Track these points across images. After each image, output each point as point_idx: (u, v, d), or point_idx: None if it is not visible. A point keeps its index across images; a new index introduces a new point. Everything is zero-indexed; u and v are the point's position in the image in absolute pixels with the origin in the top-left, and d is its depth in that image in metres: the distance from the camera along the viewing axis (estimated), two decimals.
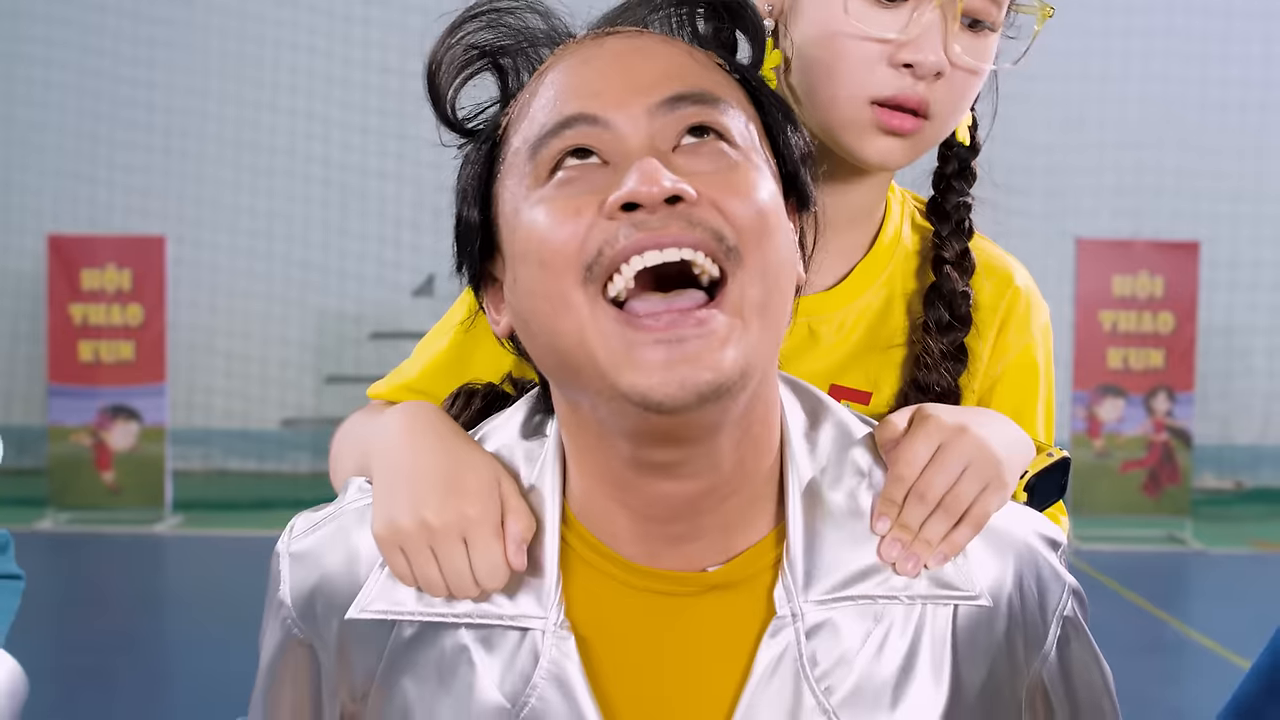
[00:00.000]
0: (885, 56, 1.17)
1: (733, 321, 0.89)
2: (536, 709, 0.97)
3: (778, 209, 0.94)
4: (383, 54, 9.38)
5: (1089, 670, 1.07)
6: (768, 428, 0.99)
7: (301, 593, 1.03)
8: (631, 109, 0.93)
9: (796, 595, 0.98)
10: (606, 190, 0.90)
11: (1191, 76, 9.25)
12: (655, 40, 0.98)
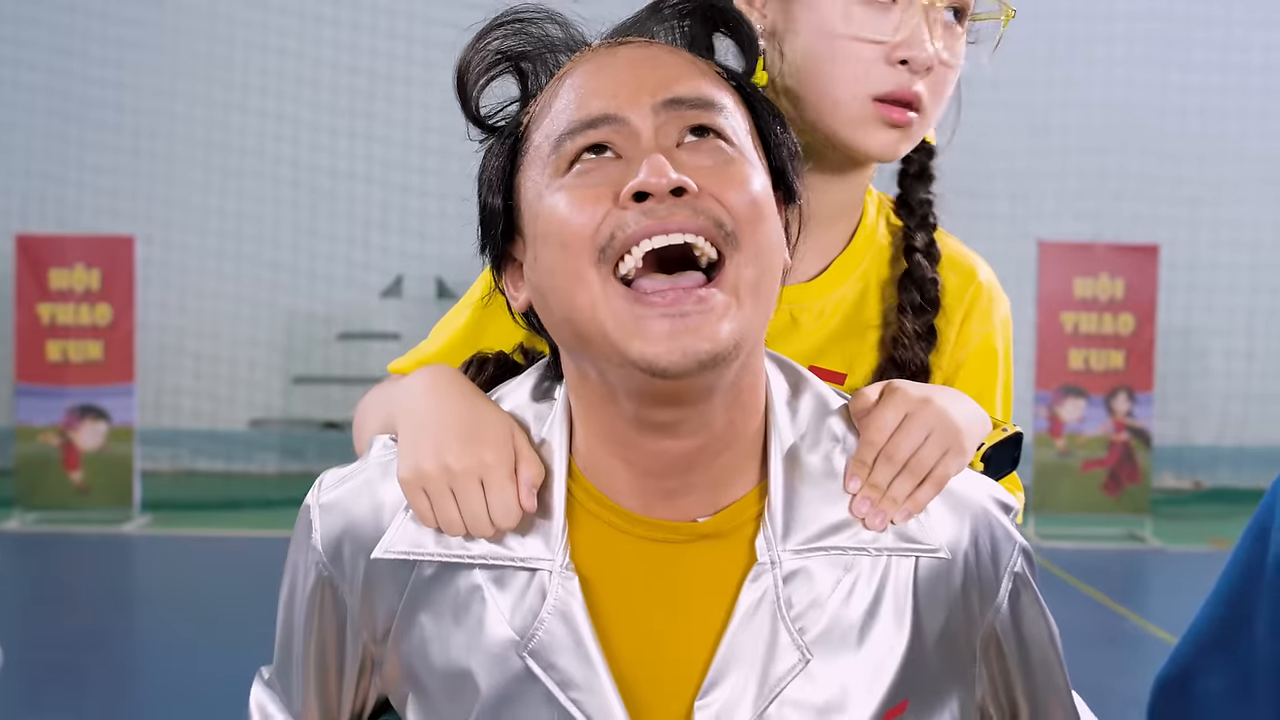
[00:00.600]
0: (883, 56, 1.27)
1: (729, 299, 1.00)
2: (543, 641, 1.07)
3: (769, 200, 1.05)
4: (352, 56, 9.35)
5: (1037, 623, 1.18)
6: (755, 395, 1.10)
7: (330, 539, 1.14)
8: (642, 109, 1.03)
9: (775, 545, 1.09)
10: (620, 181, 1.00)
11: (1152, 83, 9.32)
12: (662, 50, 1.10)
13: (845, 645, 1.09)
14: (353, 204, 9.46)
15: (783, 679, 1.08)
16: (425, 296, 9.65)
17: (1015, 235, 8.86)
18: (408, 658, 1.13)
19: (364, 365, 9.65)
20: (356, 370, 9.66)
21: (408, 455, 1.12)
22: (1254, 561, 1.26)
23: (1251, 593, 1.25)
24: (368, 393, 1.36)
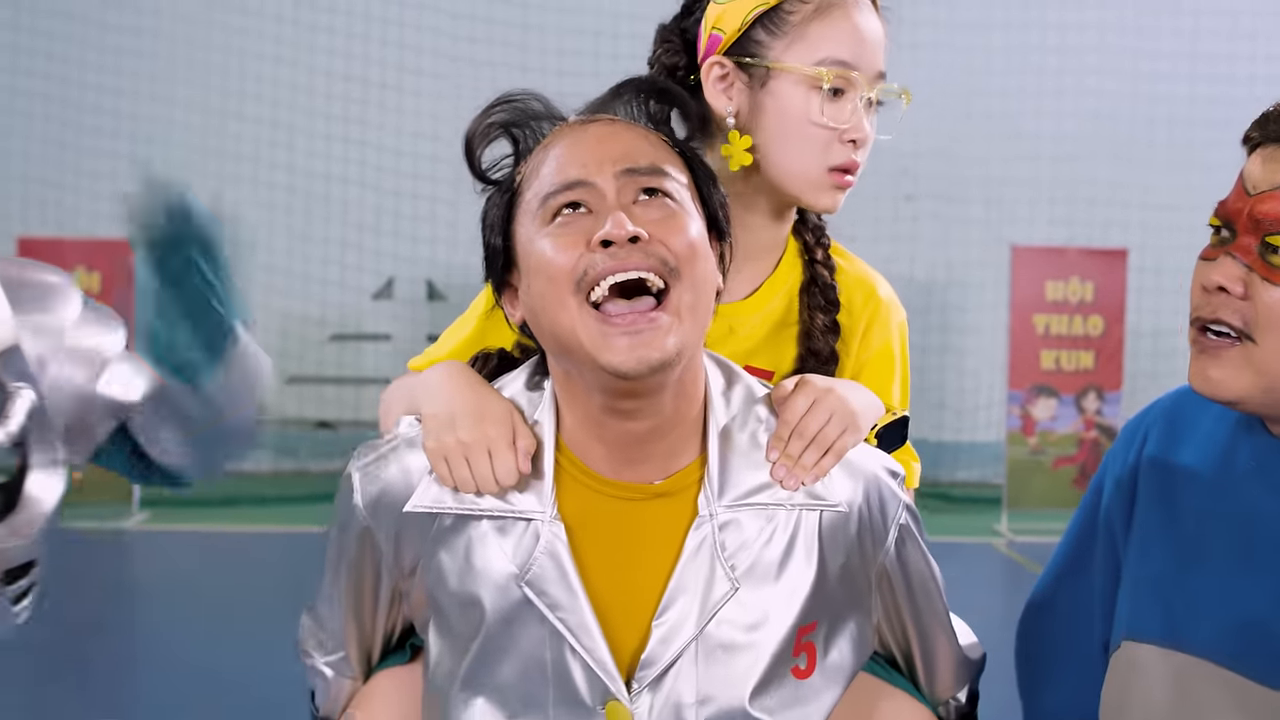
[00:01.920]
0: (836, 137, 1.57)
1: (673, 319, 1.29)
2: (537, 574, 1.35)
3: (704, 241, 1.34)
4: (346, 64, 9.34)
5: (919, 563, 1.46)
6: (696, 387, 1.38)
7: (369, 497, 1.41)
8: (606, 175, 1.32)
9: (713, 501, 1.38)
10: (591, 231, 1.29)
11: (1122, 93, 9.35)
12: (622, 127, 1.38)
13: (766, 578, 1.38)
14: (346, 208, 9.44)
15: (718, 603, 1.36)
16: (416, 298, 9.64)
17: (989, 240, 8.90)
18: (430, 589, 1.41)
19: (357, 365, 9.64)
20: (350, 370, 9.64)
21: (431, 432, 1.39)
22: (1092, 511, 1.52)
23: (1090, 536, 1.50)
24: (391, 383, 1.61)
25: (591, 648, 1.35)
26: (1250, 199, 1.25)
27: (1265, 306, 1.21)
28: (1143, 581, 1.39)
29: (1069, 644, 1.52)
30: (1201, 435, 1.37)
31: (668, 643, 1.36)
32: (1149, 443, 1.44)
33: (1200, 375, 1.28)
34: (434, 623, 1.43)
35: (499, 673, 1.38)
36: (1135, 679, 1.35)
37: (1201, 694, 1.28)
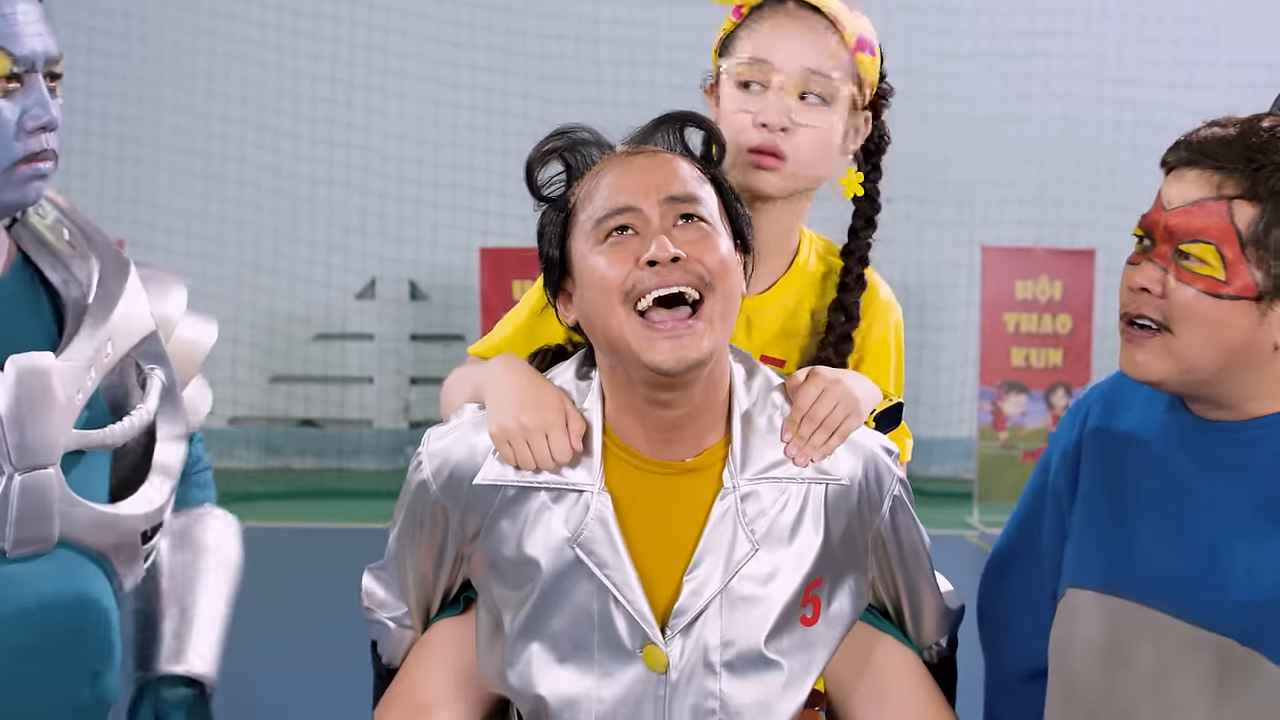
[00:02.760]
0: (750, 122, 1.75)
1: (706, 326, 1.48)
2: (587, 537, 1.54)
3: (732, 257, 1.53)
4: (331, 68, 9.32)
5: (909, 529, 1.66)
6: (722, 379, 1.57)
7: (440, 474, 1.58)
8: (651, 202, 1.50)
9: (736, 475, 1.56)
10: (638, 251, 1.48)
11: (1088, 97, 9.40)
12: (663, 158, 1.55)
13: (780, 541, 1.57)
14: (331, 209, 9.42)
15: (740, 561, 1.55)
16: (399, 298, 9.63)
17: (961, 241, 8.93)
18: (491, 552, 1.59)
19: (341, 364, 9.61)
20: (334, 369, 9.62)
21: (495, 418, 1.57)
22: (1041, 481, 1.70)
23: (1040, 503, 1.69)
24: (453, 371, 1.77)
25: (633, 600, 1.54)
26: (1166, 213, 1.43)
27: (1179, 304, 1.40)
28: (1085, 537, 1.57)
29: (1023, 599, 1.70)
30: (1135, 413, 1.56)
31: (697, 595, 1.55)
32: (1090, 419, 1.62)
33: (1128, 361, 1.47)
34: (494, 581, 1.60)
35: (552, 622, 1.56)
36: (1078, 621, 1.55)
37: (1131, 630, 1.48)
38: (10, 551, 1.41)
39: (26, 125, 1.41)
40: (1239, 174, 1.37)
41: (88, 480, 1.50)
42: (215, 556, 1.78)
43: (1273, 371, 1.41)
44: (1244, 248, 1.37)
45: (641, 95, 8.94)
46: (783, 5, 1.80)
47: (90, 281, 1.52)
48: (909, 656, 1.72)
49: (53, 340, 1.50)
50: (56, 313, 1.52)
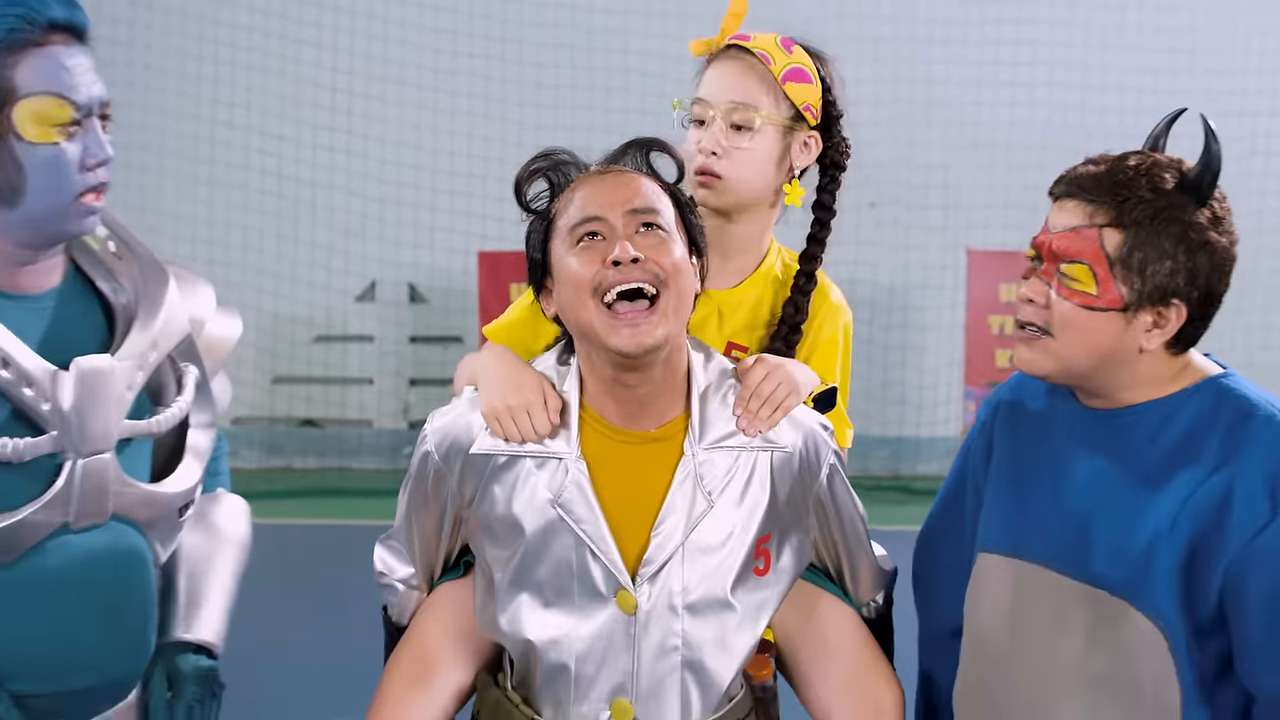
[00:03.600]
0: (696, 149, 2.03)
1: (661, 317, 1.70)
2: (566, 498, 1.75)
3: (685, 260, 1.75)
4: (332, 76, 9.33)
5: (845, 495, 1.89)
6: (680, 363, 1.79)
7: (441, 446, 1.82)
8: (616, 213, 1.74)
9: (695, 445, 1.79)
10: (605, 253, 1.71)
11: (1072, 104, 9.43)
12: (629, 176, 1.78)
13: (732, 501, 1.79)
14: (332, 214, 9.42)
15: (698, 518, 1.77)
16: (398, 301, 9.62)
17: (947, 244, 8.93)
18: (484, 514, 1.80)
19: (342, 365, 9.61)
20: (335, 370, 9.61)
21: (485, 399, 1.81)
22: (963, 461, 1.93)
23: (962, 480, 1.92)
24: (464, 357, 2.00)
25: (606, 551, 1.75)
26: (1050, 237, 1.67)
27: (1059, 315, 1.65)
28: (993, 507, 1.79)
29: (949, 565, 1.89)
30: (1036, 399, 1.79)
31: (662, 548, 1.76)
32: (1000, 408, 1.87)
33: (1019, 357, 1.71)
34: (486, 540, 1.81)
35: (537, 573, 1.77)
36: (987, 581, 1.76)
37: (1030, 589, 1.69)
38: (73, 524, 1.60)
39: (87, 162, 1.62)
40: (1108, 206, 1.62)
41: (134, 463, 1.70)
42: (227, 536, 1.96)
43: (1140, 368, 1.64)
44: (1112, 268, 1.60)
45: (632, 102, 8.96)
46: (725, 52, 2.10)
47: (135, 289, 1.71)
48: (848, 612, 1.94)
49: (103, 340, 1.68)
50: (106, 316, 1.70)
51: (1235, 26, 9.60)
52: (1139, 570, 1.58)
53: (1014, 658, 1.69)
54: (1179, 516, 1.57)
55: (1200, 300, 1.64)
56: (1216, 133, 1.69)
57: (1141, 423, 1.65)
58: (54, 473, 1.59)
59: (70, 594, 1.61)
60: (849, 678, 1.88)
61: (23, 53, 1.55)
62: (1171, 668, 1.55)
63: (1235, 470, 1.56)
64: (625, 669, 1.75)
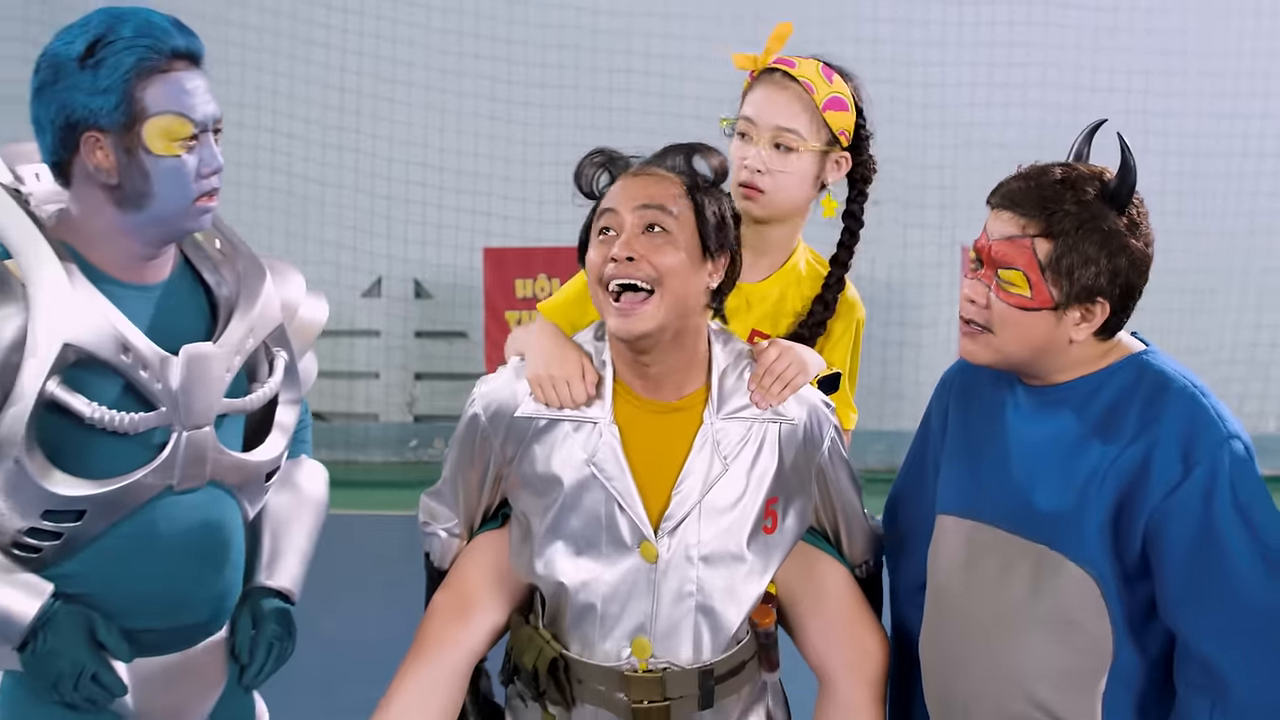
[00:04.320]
0: (740, 164, 2.20)
1: (653, 309, 1.89)
2: (599, 458, 1.95)
3: (682, 263, 1.91)
4: (341, 78, 9.35)
5: (844, 467, 2.09)
6: (693, 345, 1.98)
7: (488, 409, 2.02)
8: (628, 208, 1.91)
9: (713, 415, 1.98)
10: (612, 247, 1.88)
11: (1066, 105, 9.43)
12: (655, 178, 1.94)
13: (744, 466, 1.98)
14: (339, 211, 9.42)
15: (714, 480, 1.96)
16: (404, 296, 9.63)
17: (944, 242, 8.94)
18: (524, 471, 2.00)
19: (349, 360, 9.61)
20: (342, 365, 9.61)
21: (530, 368, 1.99)
22: (924, 432, 2.09)
23: (923, 449, 2.09)
24: (514, 331, 2.16)
25: (632, 506, 1.95)
26: (990, 243, 1.86)
27: (998, 314, 1.82)
28: (949, 474, 1.97)
29: (914, 527, 2.07)
30: (985, 378, 1.95)
31: (682, 505, 1.95)
32: (953, 386, 2.04)
33: (964, 350, 1.89)
34: (526, 493, 2.00)
35: (570, 523, 1.96)
36: (943, 540, 1.94)
37: (980, 546, 1.87)
38: (176, 487, 1.84)
39: (203, 171, 1.87)
40: (1038, 218, 1.81)
41: (229, 434, 1.93)
42: (307, 497, 2.15)
43: (1070, 354, 1.82)
44: (1044, 273, 1.78)
45: (634, 103, 8.97)
46: (771, 75, 2.26)
47: (236, 282, 1.93)
48: (843, 570, 2.13)
49: (206, 326, 1.90)
50: (210, 304, 1.92)
51: (1226, 29, 9.58)
52: (1073, 526, 1.77)
53: (968, 605, 1.87)
54: (1106, 478, 1.75)
55: (1121, 296, 1.82)
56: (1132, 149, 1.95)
57: (1073, 397, 1.83)
58: (161, 443, 1.82)
59: (173, 545, 1.85)
60: (841, 626, 2.07)
61: (150, 78, 1.79)
62: (1104, 610, 1.75)
63: (1153, 437, 1.74)
64: (645, 611, 1.95)
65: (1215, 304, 9.68)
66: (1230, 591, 1.68)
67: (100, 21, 1.78)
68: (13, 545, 1.77)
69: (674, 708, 1.95)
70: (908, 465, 2.14)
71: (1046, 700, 1.78)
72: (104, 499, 1.77)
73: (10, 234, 1.76)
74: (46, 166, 1.85)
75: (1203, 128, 9.71)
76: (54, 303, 1.71)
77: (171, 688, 1.91)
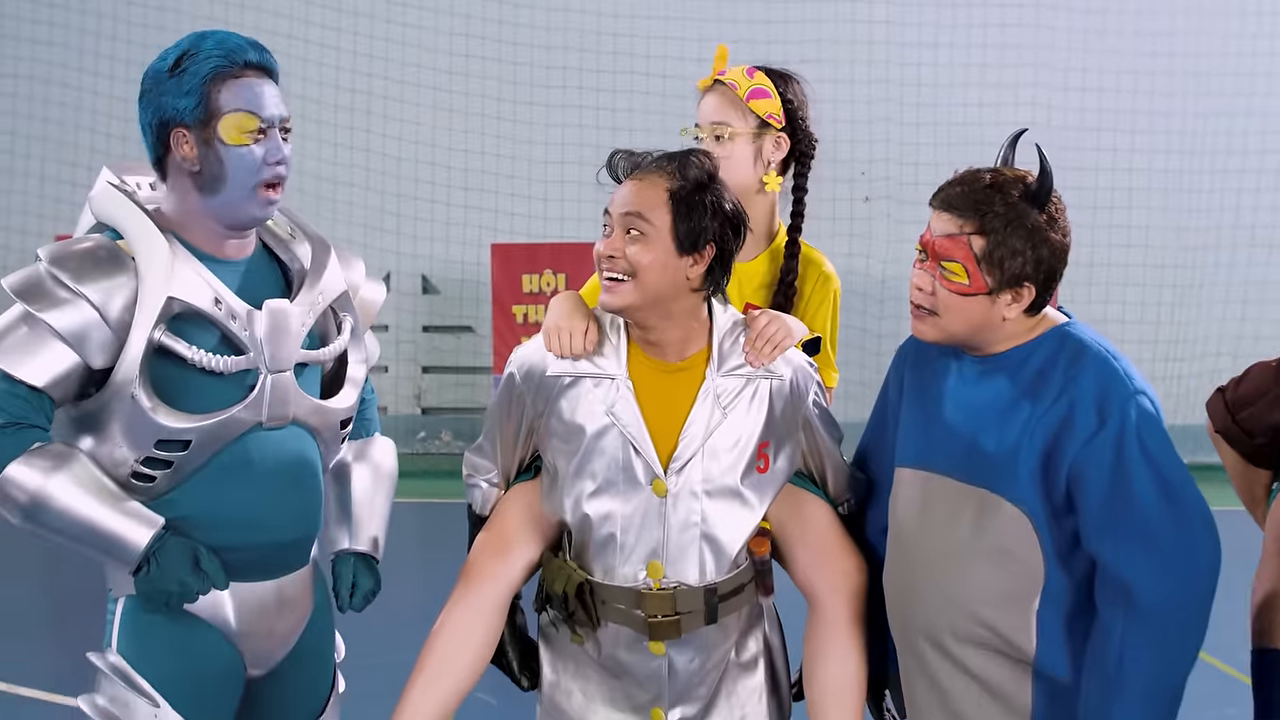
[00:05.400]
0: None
1: (627, 293, 2.13)
2: (617, 409, 2.17)
3: (656, 260, 2.12)
4: (352, 79, 9.37)
5: (825, 415, 2.30)
6: (690, 319, 2.20)
7: (522, 369, 2.23)
8: (619, 212, 2.14)
9: (714, 372, 2.19)
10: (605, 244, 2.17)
11: (1055, 104, 9.45)
12: (641, 184, 2.15)
13: (740, 415, 2.20)
14: (350, 209, 9.44)
15: (715, 426, 2.18)
16: (412, 291, 9.65)
17: None
18: (552, 423, 2.22)
19: None
20: None
21: (546, 320, 2.25)
22: (885, 394, 2.31)
23: (884, 408, 2.31)
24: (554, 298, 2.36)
25: (645, 449, 2.16)
26: (934, 239, 2.06)
27: (942, 300, 2.05)
28: (904, 433, 2.20)
29: (878, 478, 2.30)
30: (934, 352, 2.17)
31: (688, 448, 2.16)
32: (909, 356, 2.24)
33: (915, 330, 2.11)
34: (554, 440, 2.22)
35: (592, 466, 2.18)
36: (902, 489, 2.17)
37: (932, 493, 2.10)
38: (265, 424, 2.10)
39: (268, 160, 2.11)
40: (972, 218, 2.04)
41: (308, 383, 2.19)
42: (383, 470, 2.40)
43: (1004, 330, 2.06)
44: (979, 264, 2.01)
45: (636, 103, 8.98)
46: (710, 86, 2.56)
47: (305, 259, 2.24)
48: (826, 507, 2.31)
49: (283, 293, 2.19)
50: (284, 278, 2.23)
51: (1213, 30, 9.59)
52: (1009, 472, 2.01)
53: (922, 543, 2.11)
54: (1035, 431, 2.00)
55: (1044, 280, 2.05)
56: (1048, 157, 2.14)
57: (1007, 365, 2.07)
58: (251, 384, 2.09)
59: (263, 472, 2.10)
60: (825, 553, 2.26)
61: (224, 82, 2.07)
62: (1036, 542, 2.01)
63: (1073, 395, 2.00)
64: (657, 539, 2.17)
65: (1201, 297, 9.69)
66: (1138, 521, 1.95)
67: (188, 41, 2.12)
68: (132, 475, 2.04)
69: (683, 621, 2.18)
70: (871, 426, 2.36)
71: (989, 619, 2.04)
72: (206, 431, 2.04)
73: (122, 219, 2.09)
74: (148, 177, 2.22)
75: (1188, 127, 9.72)
76: (158, 267, 2.03)
77: (268, 613, 2.16)
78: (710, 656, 2.24)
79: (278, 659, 2.20)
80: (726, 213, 2.17)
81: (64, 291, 2.01)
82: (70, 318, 2.00)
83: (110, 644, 2.09)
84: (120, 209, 2.10)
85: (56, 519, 1.99)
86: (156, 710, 2.05)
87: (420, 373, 9.74)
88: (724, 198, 2.17)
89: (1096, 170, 9.55)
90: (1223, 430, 2.47)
